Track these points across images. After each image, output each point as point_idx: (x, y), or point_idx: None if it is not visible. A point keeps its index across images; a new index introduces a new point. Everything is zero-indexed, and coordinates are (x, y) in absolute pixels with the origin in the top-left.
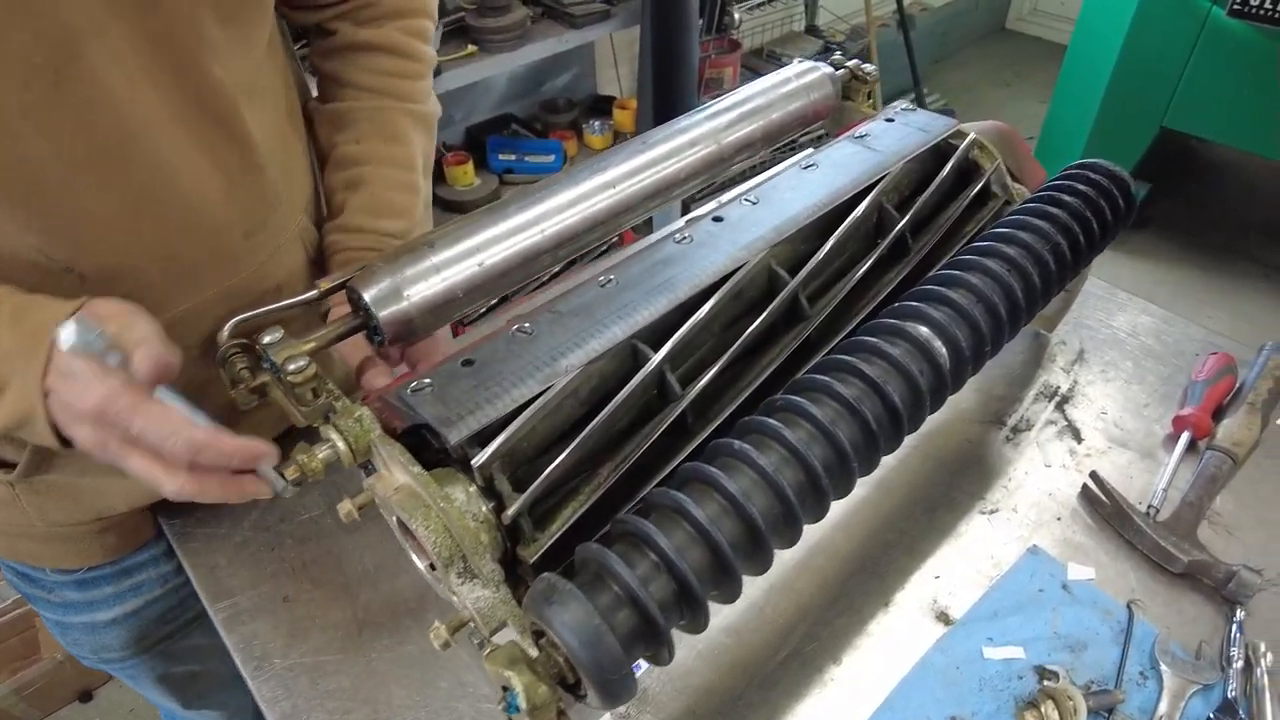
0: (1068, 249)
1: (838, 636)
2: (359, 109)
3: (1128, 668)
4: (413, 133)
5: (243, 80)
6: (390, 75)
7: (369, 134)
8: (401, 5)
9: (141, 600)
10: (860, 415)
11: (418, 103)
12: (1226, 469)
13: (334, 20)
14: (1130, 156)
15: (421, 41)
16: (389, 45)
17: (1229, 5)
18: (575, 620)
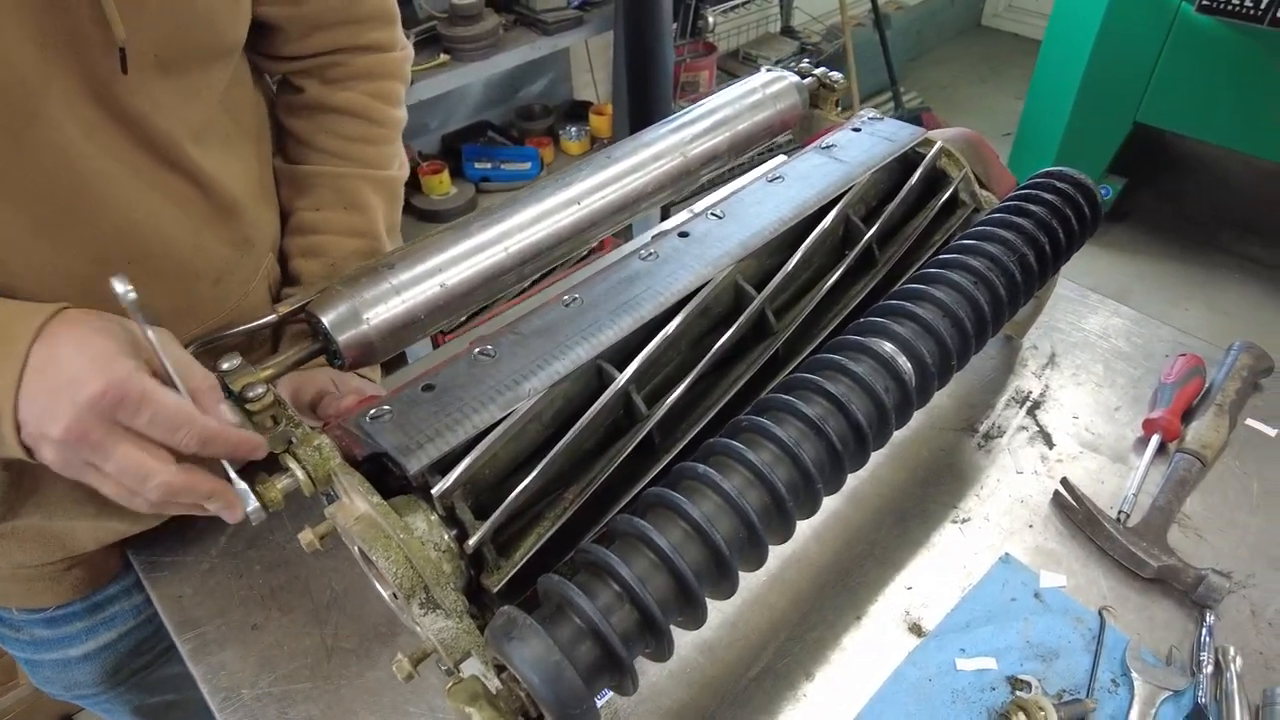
0: (1034, 259)
1: (810, 651)
2: (320, 174)
3: (1099, 675)
4: (374, 199)
5: (195, 128)
6: (355, 141)
7: (329, 202)
8: (372, 67)
9: (114, 633)
10: (825, 435)
11: (382, 169)
12: (1195, 471)
13: (301, 76)
14: (1105, 152)
15: (390, 106)
16: (356, 109)
17: (1197, 1)
18: (535, 656)
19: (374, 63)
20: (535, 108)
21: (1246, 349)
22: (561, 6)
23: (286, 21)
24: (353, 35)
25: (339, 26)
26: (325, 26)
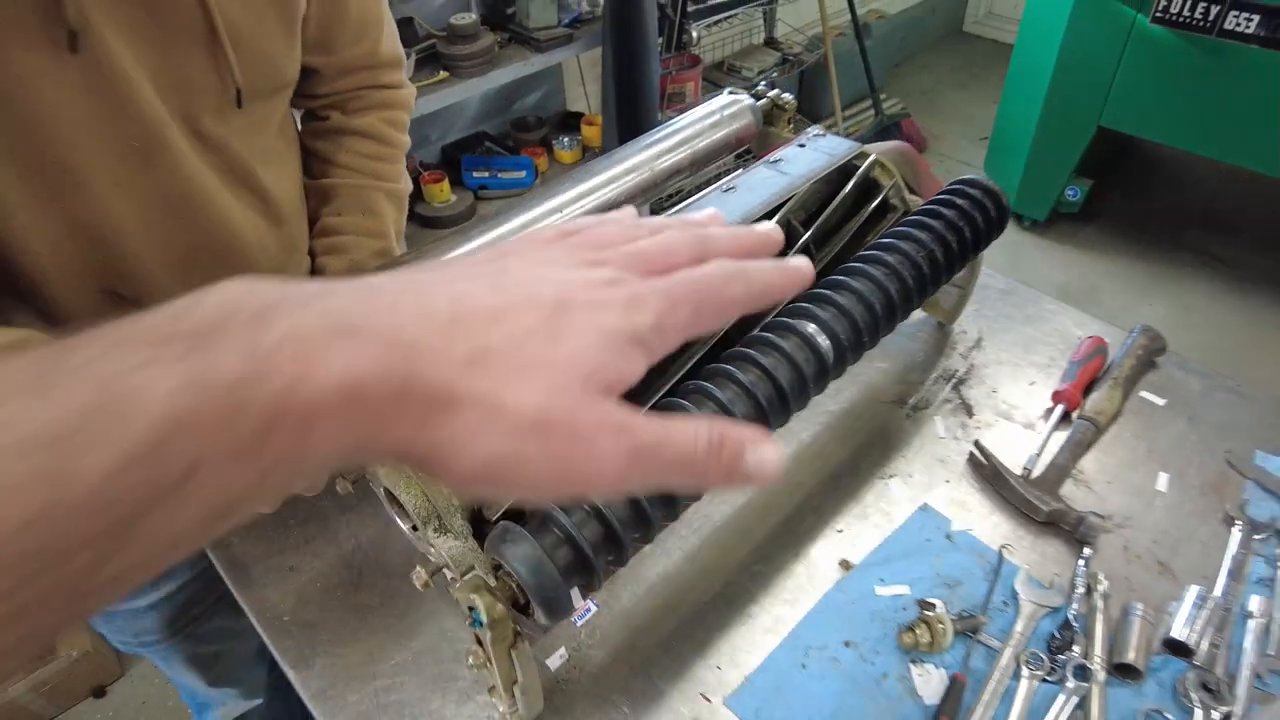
0: (942, 255)
1: (756, 581)
2: (342, 186)
3: (993, 598)
4: (387, 207)
5: (259, 151)
6: (371, 158)
7: (349, 208)
8: (385, 99)
9: (175, 585)
10: (754, 397)
11: (393, 181)
12: (1090, 435)
13: (326, 108)
14: (1072, 155)
15: (399, 131)
16: (372, 133)
17: (1151, 13)
18: (523, 554)
19: (387, 97)
20: (530, 119)
21: (1144, 331)
22: (552, 25)
23: (323, 66)
24: (372, 77)
25: (362, 70)
26: (351, 70)
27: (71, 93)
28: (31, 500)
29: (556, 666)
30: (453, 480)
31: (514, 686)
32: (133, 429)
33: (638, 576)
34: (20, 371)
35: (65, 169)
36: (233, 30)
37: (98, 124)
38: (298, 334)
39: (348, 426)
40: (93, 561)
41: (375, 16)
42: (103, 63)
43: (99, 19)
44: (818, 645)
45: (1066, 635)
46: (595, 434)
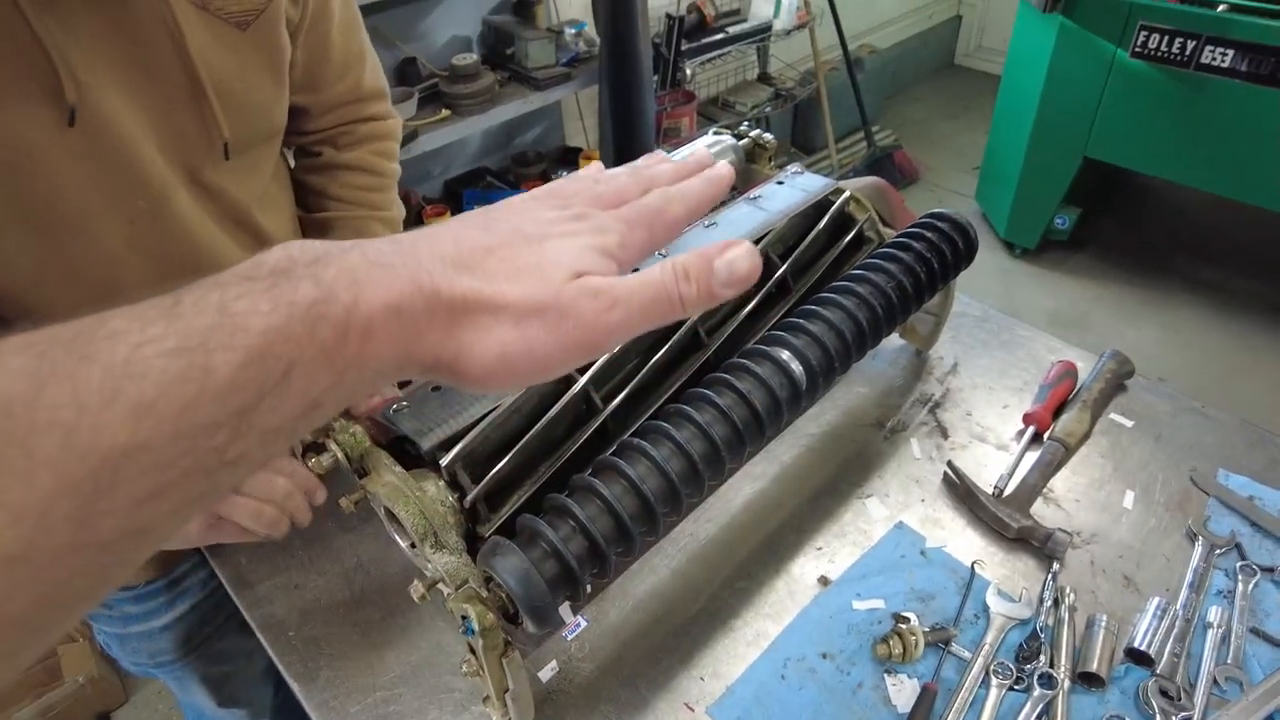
0: (910, 285)
1: (739, 597)
2: (337, 218)
3: (965, 611)
4: (382, 233)
5: (256, 195)
6: (364, 190)
7: (346, 238)
8: (374, 131)
9: (187, 605)
10: (730, 419)
11: (386, 210)
12: (1060, 455)
13: (318, 144)
14: (1060, 184)
15: (389, 160)
16: (364, 166)
17: (1131, 48)
18: (512, 566)
19: (375, 129)
20: (530, 154)
21: (1113, 356)
22: (551, 64)
23: (311, 105)
24: (359, 110)
25: (348, 105)
26: (338, 106)
27: (77, 163)
28: (187, 389)
29: (548, 679)
30: (479, 375)
31: (506, 694)
32: (247, 337)
33: (626, 593)
34: (153, 307)
35: (79, 236)
36: (221, 85)
37: (106, 190)
38: (348, 268)
39: (396, 336)
40: (225, 441)
41: (357, 52)
42: (104, 132)
43: (97, 89)
44: (796, 657)
45: (1034, 646)
46: (577, 302)
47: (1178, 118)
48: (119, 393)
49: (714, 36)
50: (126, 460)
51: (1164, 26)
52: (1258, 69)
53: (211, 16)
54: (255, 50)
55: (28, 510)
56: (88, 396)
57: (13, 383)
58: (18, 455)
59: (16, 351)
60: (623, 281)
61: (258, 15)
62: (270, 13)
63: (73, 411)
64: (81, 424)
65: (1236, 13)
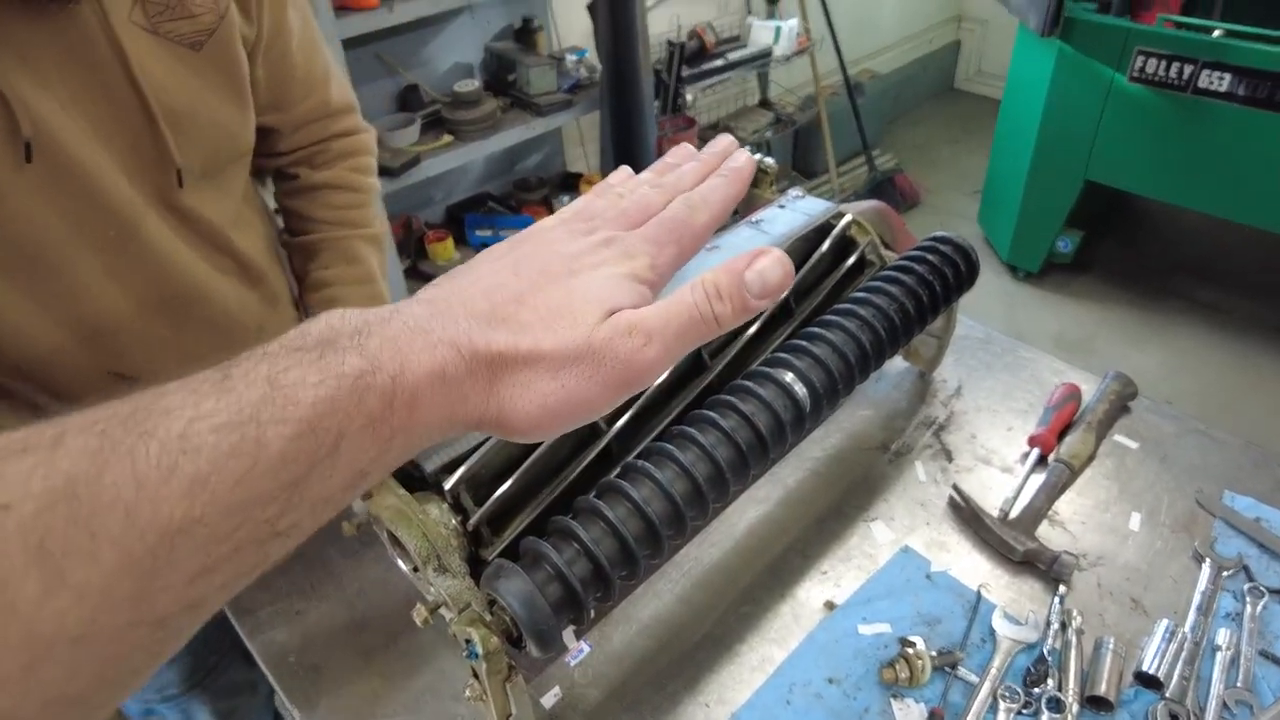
0: (913, 307)
1: (744, 622)
2: (322, 240)
3: (971, 635)
4: (368, 252)
5: (228, 217)
6: (344, 208)
7: (334, 260)
8: (347, 148)
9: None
10: (734, 441)
11: (368, 227)
12: (1066, 477)
13: (293, 165)
14: (1061, 207)
15: (366, 176)
16: (341, 184)
17: (1129, 73)
18: (516, 588)
19: (348, 145)
20: (532, 179)
21: (1116, 378)
22: (552, 90)
23: (279, 124)
24: (329, 126)
25: (316, 122)
26: (307, 123)
27: (39, 198)
28: (240, 463)
29: (551, 705)
30: (524, 427)
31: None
32: (298, 410)
33: (630, 618)
34: (205, 381)
35: (52, 269)
36: (177, 108)
37: (72, 222)
38: (390, 338)
39: (441, 401)
40: (276, 512)
41: (322, 68)
42: (64, 163)
43: (54, 120)
44: (802, 682)
45: (1041, 669)
46: (611, 343)
47: (1177, 141)
48: (175, 468)
49: (714, 63)
50: (183, 536)
51: (1161, 52)
52: (1255, 93)
53: (163, 40)
54: (212, 71)
55: (91, 590)
56: (146, 472)
57: (76, 463)
58: (83, 536)
59: (79, 431)
60: (655, 312)
61: (209, 35)
62: (222, 32)
63: (132, 489)
64: (141, 501)
65: (1232, 38)
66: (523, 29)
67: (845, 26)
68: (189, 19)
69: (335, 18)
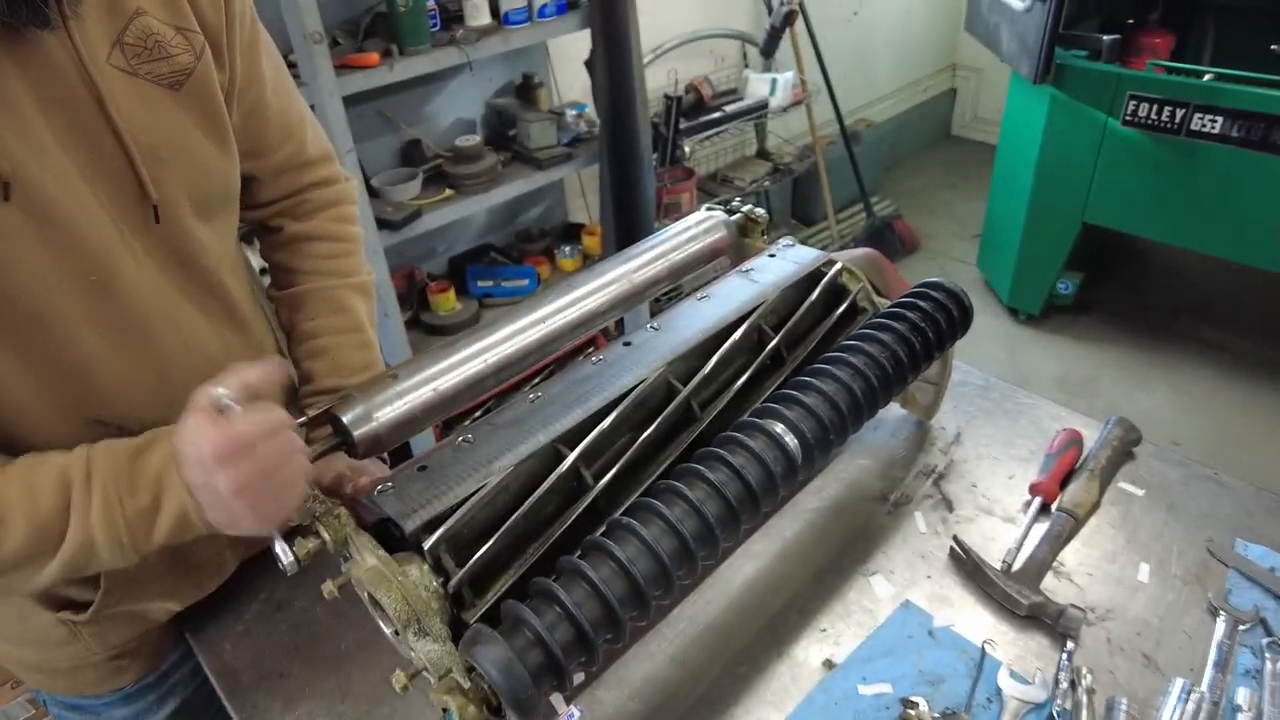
0: (905, 354)
1: (740, 683)
2: (309, 291)
3: (976, 695)
4: (355, 301)
5: (224, 261)
6: (329, 258)
7: (321, 310)
8: (328, 198)
9: (179, 700)
10: (723, 495)
11: (355, 275)
12: (1070, 527)
13: (276, 218)
14: (1060, 250)
15: (350, 224)
16: (324, 234)
17: (1122, 117)
18: (494, 656)
19: (330, 194)
20: (533, 230)
21: (1118, 423)
22: (552, 144)
23: (258, 171)
24: (307, 174)
25: (295, 170)
26: (285, 171)
27: (17, 239)
28: None
29: None
30: None
31: None
32: None
33: (621, 679)
34: None
35: (30, 313)
36: (157, 148)
37: (52, 265)
38: None
39: None
40: None
41: (297, 116)
42: (43, 206)
43: (33, 160)
44: None
45: None
46: None
47: (1172, 182)
48: None
49: (712, 115)
50: None
51: (1152, 96)
52: (1247, 134)
53: (143, 81)
54: (194, 110)
55: None
56: None
57: None
58: None
59: None
60: None
61: (188, 76)
62: (201, 72)
63: None
64: None
65: (1224, 81)
66: (523, 85)
67: (841, 77)
68: (166, 59)
69: (337, 75)
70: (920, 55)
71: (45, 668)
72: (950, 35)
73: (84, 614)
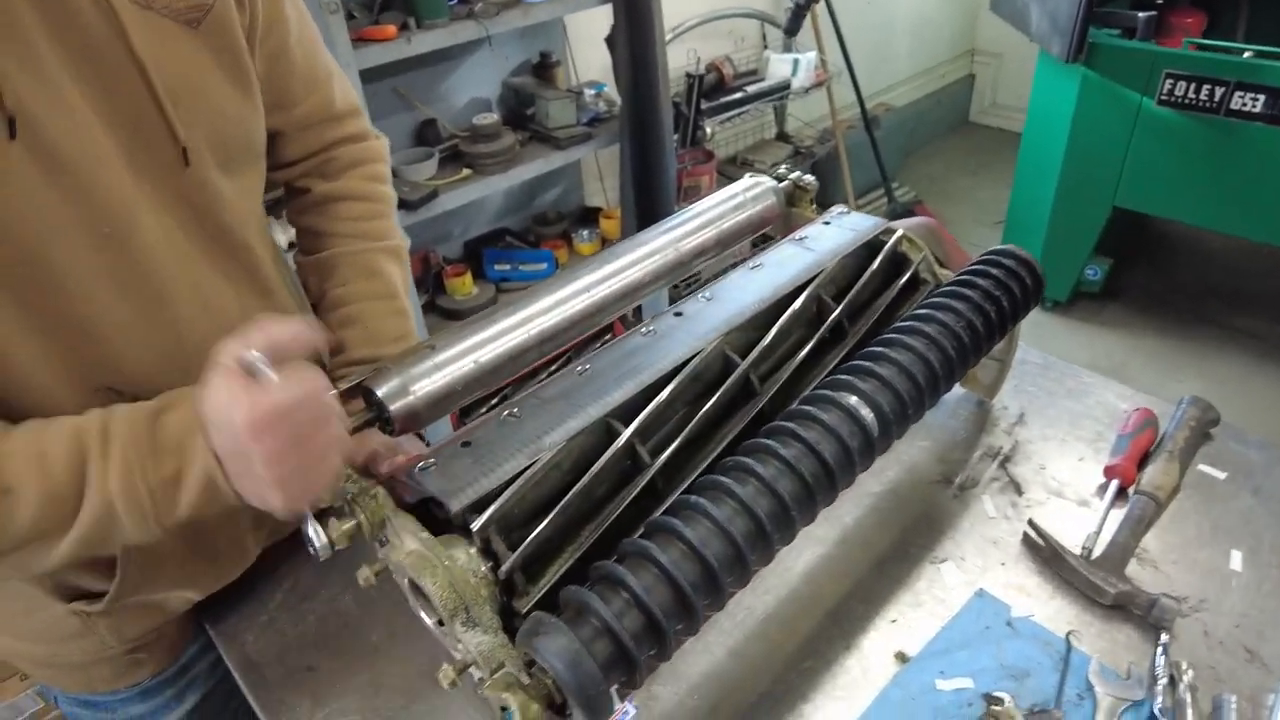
0: (981, 324)
1: (805, 678)
2: (339, 255)
3: (1066, 690)
4: (389, 266)
5: (247, 220)
6: (360, 219)
7: (352, 276)
8: (358, 155)
9: (198, 695)
10: (798, 472)
11: (388, 239)
12: (1151, 511)
13: (303, 178)
14: (1089, 235)
15: (380, 184)
16: (354, 193)
17: (1157, 96)
18: (559, 648)
19: (359, 151)
20: (550, 214)
21: (1193, 403)
22: (571, 124)
23: (284, 126)
24: (335, 129)
25: (323, 124)
26: (312, 125)
27: (27, 184)
28: None
29: None
30: None
31: None
32: None
33: (678, 674)
34: None
35: (40, 267)
36: (176, 87)
37: (61, 212)
38: None
39: None
40: None
41: (324, 68)
42: (50, 146)
43: (45, 98)
44: None
45: None
46: None
47: (1208, 164)
48: None
49: (733, 95)
50: None
51: (1190, 74)
52: None
53: (158, 16)
54: (212, 50)
55: None
56: None
57: None
58: None
59: None
60: None
61: (206, 12)
62: (219, 9)
63: None
64: None
65: (1264, 58)
66: (540, 63)
67: (860, 60)
68: None
69: (354, 48)
70: (938, 40)
71: (56, 663)
72: (969, 19)
73: (98, 604)
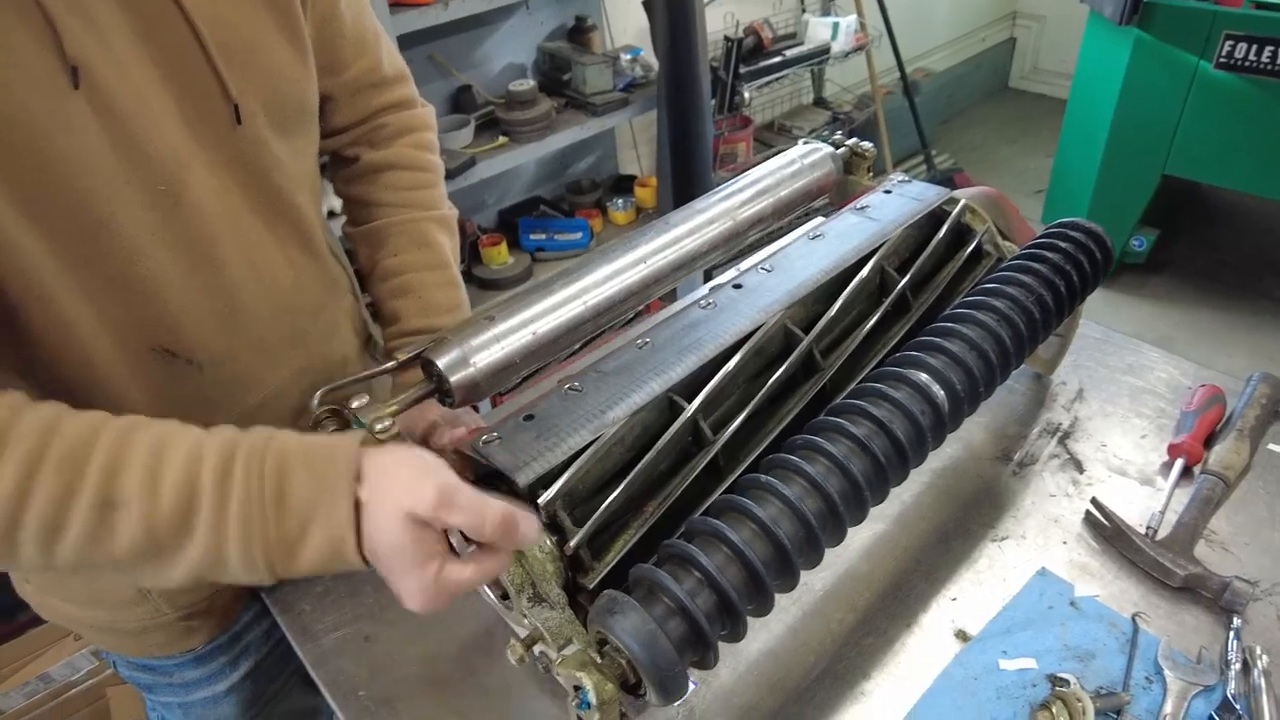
0: (1050, 299)
1: (866, 656)
2: (389, 225)
3: (1134, 673)
4: (440, 235)
5: (301, 183)
6: (409, 189)
7: (404, 246)
8: (406, 123)
9: (251, 662)
10: (870, 451)
11: (437, 209)
12: (1219, 491)
13: (351, 146)
14: (1136, 205)
15: (430, 153)
16: (403, 162)
17: (1216, 59)
18: (634, 627)
19: (407, 119)
20: (584, 183)
21: (1264, 379)
22: (608, 89)
23: (333, 90)
24: (383, 96)
25: (371, 89)
26: (361, 89)
27: (85, 136)
28: None
29: None
30: None
31: None
32: None
33: (737, 652)
34: None
35: (95, 222)
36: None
37: (120, 167)
38: None
39: None
40: None
41: (372, 30)
42: (112, 102)
43: (102, 53)
44: None
45: (1227, 718)
46: None
47: (1267, 130)
48: None
49: (771, 60)
50: None
51: (1252, 35)
52: None
53: None
54: (267, 9)
55: None
56: None
57: None
58: None
59: None
60: None
61: None
62: None
63: None
64: None
65: None
66: (575, 28)
67: (899, 24)
68: None
69: (390, 14)
70: (978, 1)
71: (113, 629)
72: None
73: None
